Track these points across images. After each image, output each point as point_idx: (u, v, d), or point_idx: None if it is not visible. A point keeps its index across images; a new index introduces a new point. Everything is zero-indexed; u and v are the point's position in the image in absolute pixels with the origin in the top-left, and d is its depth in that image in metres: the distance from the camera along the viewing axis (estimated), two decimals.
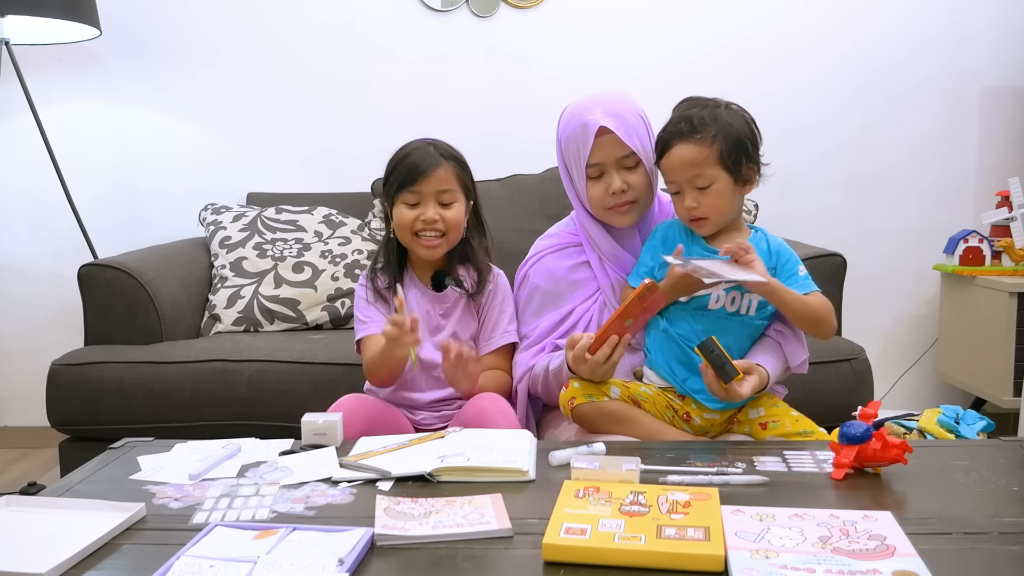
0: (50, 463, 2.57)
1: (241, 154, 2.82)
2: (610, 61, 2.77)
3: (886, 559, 0.85)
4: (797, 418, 1.41)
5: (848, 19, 2.75)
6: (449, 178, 1.55)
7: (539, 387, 1.55)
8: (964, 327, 2.60)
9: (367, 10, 2.77)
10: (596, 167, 1.49)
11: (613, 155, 1.48)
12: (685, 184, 1.40)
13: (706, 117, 1.39)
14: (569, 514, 0.95)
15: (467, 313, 1.62)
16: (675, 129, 1.41)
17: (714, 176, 1.39)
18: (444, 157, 1.56)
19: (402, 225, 1.55)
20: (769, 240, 1.46)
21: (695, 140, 1.38)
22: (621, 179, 1.48)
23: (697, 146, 1.38)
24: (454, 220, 1.55)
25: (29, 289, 2.82)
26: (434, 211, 1.53)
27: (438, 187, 1.54)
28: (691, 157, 1.38)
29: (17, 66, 2.42)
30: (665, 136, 1.42)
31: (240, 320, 2.26)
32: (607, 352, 1.34)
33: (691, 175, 1.39)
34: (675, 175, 1.41)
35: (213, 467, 1.20)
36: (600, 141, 1.47)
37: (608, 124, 1.46)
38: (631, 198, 1.50)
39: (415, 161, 1.54)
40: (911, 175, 2.80)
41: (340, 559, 0.87)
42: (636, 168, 1.49)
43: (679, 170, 1.40)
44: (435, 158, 1.55)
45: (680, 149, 1.39)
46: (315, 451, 1.25)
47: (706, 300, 1.42)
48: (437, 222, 1.54)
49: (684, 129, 1.39)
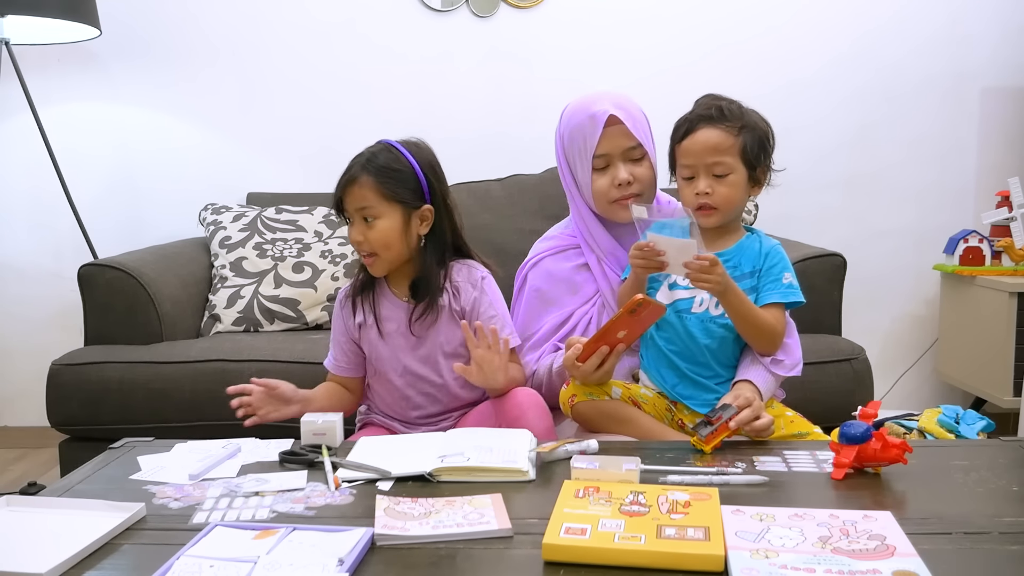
0: (50, 463, 2.57)
1: (241, 154, 2.82)
2: (610, 61, 2.77)
3: (886, 559, 0.85)
4: (792, 419, 1.41)
5: (848, 19, 2.75)
6: (365, 194, 1.43)
7: (543, 388, 1.55)
8: (964, 327, 2.60)
9: (367, 10, 2.76)
10: (603, 158, 1.50)
11: (620, 146, 1.49)
12: (702, 168, 1.39)
13: (735, 110, 1.40)
14: (569, 514, 0.95)
15: (451, 322, 1.52)
16: (704, 113, 1.40)
17: (733, 166, 1.38)
18: (365, 170, 1.44)
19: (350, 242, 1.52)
20: (763, 242, 1.45)
21: (723, 126, 1.38)
22: (627, 171, 1.49)
23: (724, 132, 1.38)
24: (377, 239, 1.44)
25: (29, 289, 2.81)
26: (358, 231, 1.46)
27: (356, 204, 1.45)
28: (716, 141, 1.38)
29: (17, 66, 2.42)
30: (691, 118, 1.41)
31: (240, 320, 2.26)
32: (596, 363, 1.34)
33: (711, 160, 1.38)
34: (695, 158, 1.39)
35: (213, 467, 1.20)
36: (608, 131, 1.49)
37: (617, 114, 1.48)
38: (636, 191, 1.51)
39: (340, 179, 1.47)
40: (911, 175, 2.80)
41: (340, 559, 0.87)
42: (642, 161, 1.51)
43: (701, 153, 1.38)
44: (353, 173, 1.45)
45: (706, 132, 1.38)
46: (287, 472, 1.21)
47: (690, 303, 1.42)
48: (362, 243, 1.46)
49: (713, 115, 1.39)
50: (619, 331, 1.32)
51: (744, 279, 1.41)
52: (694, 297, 1.41)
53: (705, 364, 1.42)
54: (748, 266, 1.42)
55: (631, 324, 1.31)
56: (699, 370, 1.42)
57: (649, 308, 1.29)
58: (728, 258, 1.41)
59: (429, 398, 1.54)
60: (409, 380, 1.53)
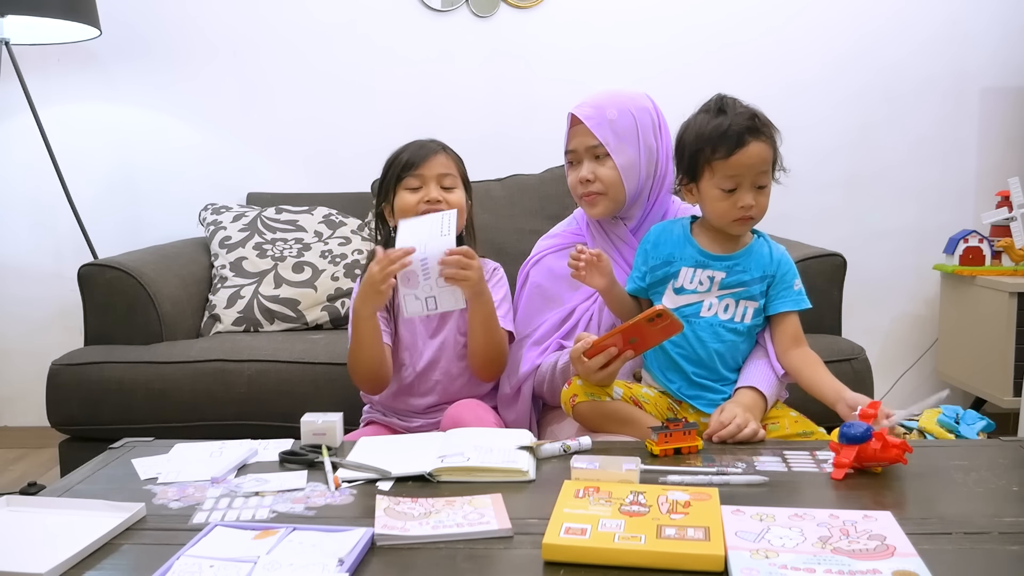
0: (50, 463, 2.57)
1: (241, 154, 2.82)
2: (610, 61, 2.77)
3: (886, 559, 0.85)
4: (796, 419, 1.41)
5: (848, 19, 2.75)
6: (449, 164, 1.58)
7: (544, 385, 1.55)
8: (964, 327, 2.60)
9: (367, 10, 2.77)
10: (572, 154, 1.56)
11: (583, 144, 1.52)
12: (748, 181, 1.37)
13: (765, 119, 1.39)
14: (569, 514, 0.95)
15: (463, 313, 1.59)
16: (748, 124, 1.36)
17: (768, 178, 1.39)
18: (443, 148, 1.60)
19: (405, 210, 1.53)
20: (772, 248, 1.45)
21: (765, 139, 1.37)
22: (589, 169, 1.52)
23: (768, 146, 1.37)
24: (456, 202, 1.55)
25: (29, 289, 2.82)
26: (437, 193, 1.54)
27: (439, 170, 1.55)
28: (765, 155, 1.37)
29: (17, 66, 2.42)
30: (737, 131, 1.35)
31: (240, 320, 2.26)
32: (601, 361, 1.33)
33: (758, 172, 1.37)
34: (745, 171, 1.36)
35: (234, 468, 1.20)
36: (574, 130, 1.54)
37: (578, 113, 1.52)
38: (597, 189, 1.52)
39: (416, 148, 1.57)
40: (911, 175, 2.80)
41: (340, 559, 0.87)
42: (605, 160, 1.51)
43: (752, 167, 1.36)
44: (435, 146, 1.58)
45: (756, 147, 1.36)
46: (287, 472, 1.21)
47: (698, 308, 1.42)
48: (440, 203, 1.53)
49: (758, 126, 1.37)
50: (632, 336, 1.31)
51: (754, 284, 1.41)
52: (701, 302, 1.41)
53: (712, 368, 1.42)
54: (758, 271, 1.41)
55: (645, 333, 1.30)
56: (705, 374, 1.42)
57: (668, 322, 1.28)
58: (736, 262, 1.41)
59: (435, 387, 1.58)
60: (418, 370, 1.58)
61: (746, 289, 1.41)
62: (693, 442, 1.22)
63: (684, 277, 1.42)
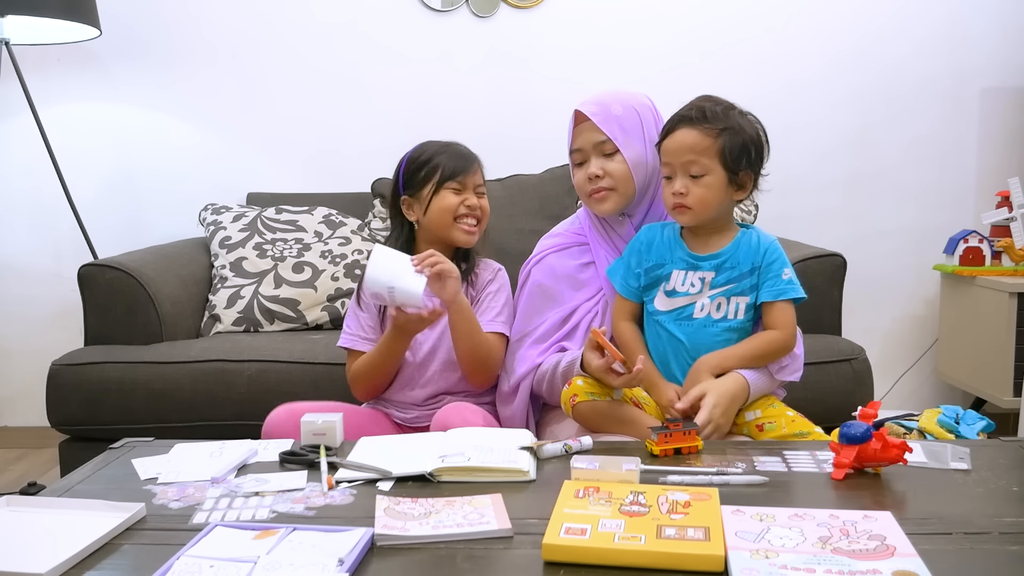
0: (50, 463, 2.57)
1: (241, 154, 2.82)
2: (610, 61, 2.77)
3: (886, 559, 0.85)
4: (793, 419, 1.40)
5: (848, 19, 2.75)
6: (482, 175, 1.66)
7: (544, 385, 1.54)
8: (964, 327, 2.60)
9: (367, 10, 2.77)
10: (578, 153, 1.54)
11: (590, 141, 1.52)
12: (679, 168, 1.39)
13: (719, 112, 1.39)
14: (569, 514, 0.95)
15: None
16: (684, 114, 1.40)
17: (709, 167, 1.38)
18: (478, 158, 1.67)
19: (445, 209, 1.58)
20: (760, 237, 1.44)
21: (700, 127, 1.38)
22: (598, 165, 1.51)
23: (701, 133, 1.38)
24: (488, 210, 1.64)
25: (29, 289, 2.82)
26: (475, 200, 1.61)
27: (477, 181, 1.63)
28: (692, 142, 1.38)
29: (17, 66, 2.42)
30: (672, 120, 1.42)
31: (240, 320, 2.26)
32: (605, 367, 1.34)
33: (687, 159, 1.38)
34: (672, 157, 1.40)
35: (234, 468, 1.20)
36: (579, 127, 1.53)
37: (583, 110, 1.51)
38: (607, 185, 1.51)
39: (462, 153, 1.63)
40: (911, 175, 2.80)
41: (340, 559, 0.87)
42: (614, 155, 1.51)
43: (676, 152, 1.39)
44: (474, 156, 1.65)
45: (683, 133, 1.39)
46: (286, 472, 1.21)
47: (691, 309, 1.42)
48: (476, 209, 1.61)
49: (693, 116, 1.39)
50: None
51: (744, 278, 1.41)
52: (694, 303, 1.42)
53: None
54: (747, 264, 1.41)
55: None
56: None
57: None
58: (725, 258, 1.41)
59: (432, 378, 1.61)
60: (416, 361, 1.60)
61: (736, 285, 1.41)
62: (693, 442, 1.22)
63: (676, 280, 1.43)
